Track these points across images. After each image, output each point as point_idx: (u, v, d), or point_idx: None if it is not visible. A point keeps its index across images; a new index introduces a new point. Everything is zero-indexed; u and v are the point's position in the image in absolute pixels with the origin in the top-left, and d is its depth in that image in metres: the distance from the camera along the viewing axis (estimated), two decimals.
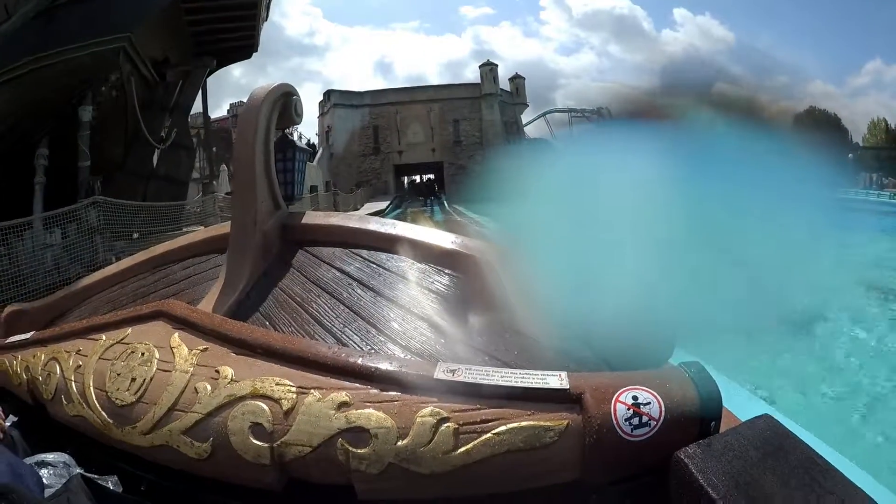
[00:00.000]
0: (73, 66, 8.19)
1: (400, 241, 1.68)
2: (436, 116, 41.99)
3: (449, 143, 41.79)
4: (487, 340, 1.27)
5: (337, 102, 42.19)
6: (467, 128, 41.96)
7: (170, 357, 1.15)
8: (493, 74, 43.02)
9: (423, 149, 42.01)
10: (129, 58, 9.12)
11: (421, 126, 41.97)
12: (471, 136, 41.62)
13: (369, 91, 44.26)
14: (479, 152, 39.54)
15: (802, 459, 0.76)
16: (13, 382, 1.37)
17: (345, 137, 41.22)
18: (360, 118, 42.07)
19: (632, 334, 1.05)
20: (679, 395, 0.87)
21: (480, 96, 42.19)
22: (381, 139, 42.01)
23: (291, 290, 1.63)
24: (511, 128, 43.04)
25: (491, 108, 42.05)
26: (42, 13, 8.10)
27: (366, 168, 41.48)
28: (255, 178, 1.81)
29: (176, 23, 10.70)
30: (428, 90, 44.05)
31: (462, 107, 42.16)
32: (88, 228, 7.91)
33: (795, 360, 4.77)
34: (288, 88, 1.99)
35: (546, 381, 0.94)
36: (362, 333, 1.39)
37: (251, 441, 0.98)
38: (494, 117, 41.79)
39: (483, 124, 41.64)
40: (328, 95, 43.11)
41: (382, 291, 1.53)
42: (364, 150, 41.79)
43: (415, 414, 0.93)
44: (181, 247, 2.08)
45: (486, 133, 41.14)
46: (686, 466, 0.78)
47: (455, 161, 40.95)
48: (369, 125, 42.05)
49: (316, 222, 1.92)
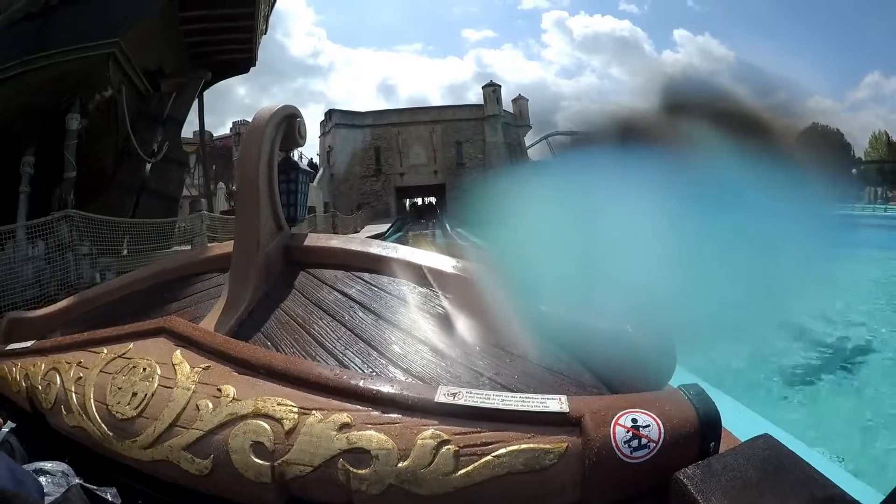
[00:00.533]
0: (61, 70, 7.86)
1: (401, 264, 1.70)
2: (438, 138, 41.01)
3: (451, 165, 40.68)
4: (488, 364, 1.28)
5: (338, 122, 41.12)
6: (470, 149, 40.96)
7: (171, 374, 1.16)
8: (496, 95, 42.08)
9: (425, 170, 41.16)
10: (120, 65, 8.67)
11: (423, 147, 41.15)
12: (474, 157, 40.62)
13: (371, 111, 43.20)
14: (482, 174, 37.89)
15: (803, 478, 0.77)
16: (12, 389, 1.37)
17: (346, 158, 40.46)
18: (361, 139, 41.07)
19: (631, 357, 1.06)
20: (678, 417, 0.88)
21: (483, 118, 41.16)
22: (382, 160, 40.93)
23: (293, 311, 1.64)
24: (514, 149, 41.90)
25: (494, 129, 41.00)
26: (34, 15, 7.86)
27: (367, 189, 40.38)
28: (259, 200, 1.84)
29: (171, 32, 10.42)
30: (430, 111, 43.18)
31: (465, 128, 41.22)
32: (59, 244, 7.32)
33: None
34: (292, 110, 2.03)
35: (546, 404, 0.95)
36: (363, 356, 1.39)
37: (252, 459, 0.98)
38: (498, 139, 40.72)
39: (486, 146, 40.57)
40: (329, 115, 42.07)
41: (384, 314, 1.54)
42: (365, 172, 40.72)
43: (416, 436, 0.94)
44: (183, 264, 2.09)
45: (490, 155, 40.10)
46: (686, 487, 0.79)
47: (458, 183, 39.35)
48: (371, 146, 40.95)
49: (318, 244, 1.95)
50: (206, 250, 2.21)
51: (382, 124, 41.57)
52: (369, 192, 40.41)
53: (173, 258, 2.21)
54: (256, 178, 1.85)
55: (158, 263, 2.14)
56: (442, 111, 43.01)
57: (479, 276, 1.51)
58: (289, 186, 2.26)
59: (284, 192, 2.17)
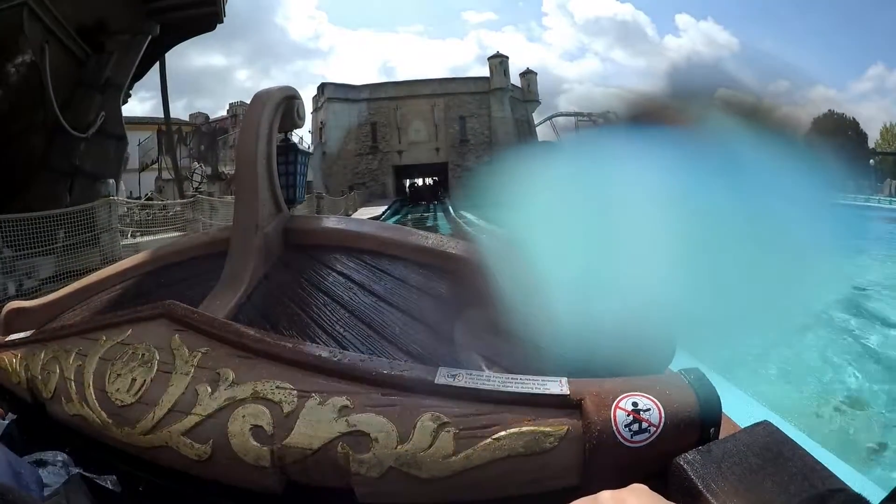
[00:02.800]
0: None
1: (402, 245, 1.68)
2: (440, 112, 38.26)
3: (455, 142, 38.23)
4: (488, 346, 1.27)
5: (331, 96, 38.24)
6: (475, 125, 38.29)
7: (170, 358, 1.16)
8: (503, 67, 38.77)
9: (425, 148, 38.55)
10: (40, 20, 6.89)
11: (424, 123, 38.43)
12: (479, 134, 38.04)
13: (367, 84, 39.84)
14: (488, 152, 36.18)
15: (802, 466, 0.76)
16: (12, 380, 1.37)
17: (340, 135, 37.85)
18: (356, 114, 38.46)
19: (632, 340, 1.05)
20: (679, 402, 0.88)
21: (489, 91, 38.27)
22: (379, 137, 38.38)
23: (292, 293, 1.63)
24: (522, 126, 39.29)
25: (501, 103, 38.17)
26: None
27: (362, 169, 38.01)
28: (258, 181, 1.82)
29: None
30: (432, 84, 39.76)
31: (469, 102, 38.36)
32: None
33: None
34: (291, 92, 2.00)
35: (546, 386, 0.95)
36: (363, 337, 1.39)
37: (251, 443, 0.98)
38: (505, 114, 38.02)
39: (492, 121, 37.91)
40: (322, 89, 39.06)
41: (384, 296, 1.53)
42: (361, 150, 38.31)
43: (415, 418, 0.93)
44: (182, 248, 2.08)
45: (496, 131, 37.49)
46: (685, 472, 0.79)
47: (461, 162, 37.30)
48: (367, 122, 38.42)
49: (318, 226, 1.93)
50: (204, 234, 2.20)
51: (379, 98, 38.98)
52: (364, 171, 38.28)
53: (173, 242, 2.20)
54: (255, 160, 1.82)
55: (158, 248, 2.14)
56: (444, 84, 40.03)
57: (479, 258, 1.49)
58: (288, 168, 2.24)
59: (283, 173, 2.15)
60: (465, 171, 36.21)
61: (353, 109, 38.67)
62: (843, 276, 2.19)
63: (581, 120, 33.21)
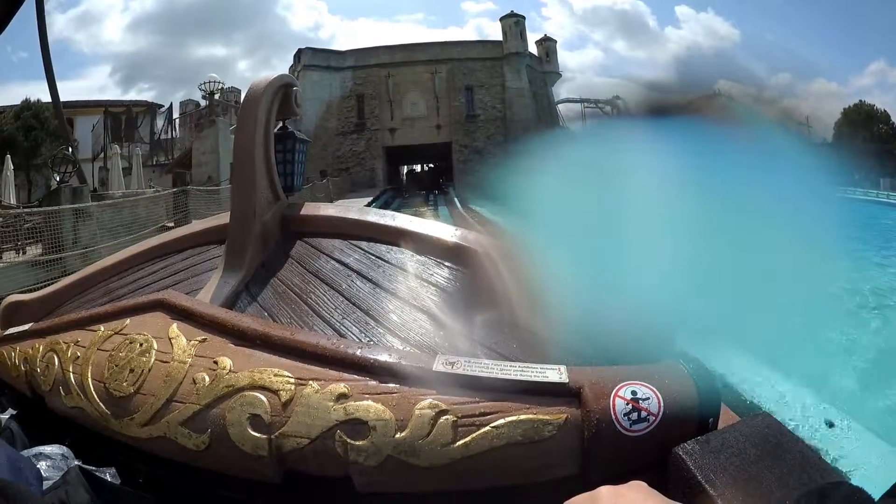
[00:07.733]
0: None
1: (400, 233, 1.67)
2: (442, 82, 30.49)
3: (460, 119, 30.56)
4: (487, 333, 1.27)
5: (309, 63, 30.10)
6: (485, 97, 30.59)
7: (168, 348, 1.15)
8: (518, 29, 30.69)
9: (424, 125, 30.80)
10: None
11: (422, 95, 30.70)
12: (490, 108, 30.54)
13: (353, 50, 31.80)
14: (502, 131, 29.74)
15: (800, 458, 0.76)
16: (11, 374, 1.36)
17: (317, 110, 29.77)
18: (339, 84, 30.67)
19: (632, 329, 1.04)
20: (678, 391, 0.87)
21: (503, 56, 30.41)
22: (367, 112, 30.51)
23: (290, 281, 1.62)
24: (541, 101, 31.61)
25: (517, 72, 30.49)
26: None
27: (345, 151, 30.29)
28: (255, 169, 1.81)
29: None
30: (432, 48, 31.51)
31: (478, 70, 30.56)
32: None
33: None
34: (288, 79, 1.99)
35: (545, 374, 0.94)
36: (361, 325, 1.38)
37: (249, 433, 0.97)
38: (522, 84, 30.49)
39: (507, 93, 30.38)
40: (298, 56, 30.96)
41: (382, 283, 1.53)
42: (343, 128, 30.42)
43: (413, 406, 0.93)
44: (180, 237, 2.08)
45: (511, 105, 30.14)
46: (684, 462, 0.78)
47: (468, 142, 30.15)
48: (352, 94, 30.57)
49: (315, 213, 1.92)
50: (203, 223, 2.19)
51: (368, 65, 31.02)
52: (348, 154, 30.51)
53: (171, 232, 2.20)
54: (253, 148, 1.81)
55: (155, 239, 2.13)
56: (447, 48, 31.67)
57: (478, 246, 1.48)
58: (286, 156, 2.22)
59: (281, 161, 2.13)
60: (473, 154, 29.92)
61: (334, 79, 30.99)
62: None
63: (588, 107, 29.57)
